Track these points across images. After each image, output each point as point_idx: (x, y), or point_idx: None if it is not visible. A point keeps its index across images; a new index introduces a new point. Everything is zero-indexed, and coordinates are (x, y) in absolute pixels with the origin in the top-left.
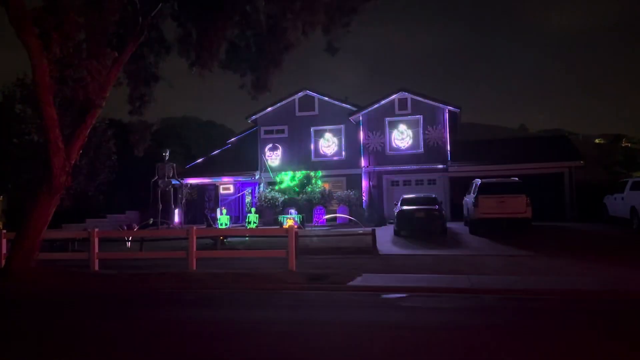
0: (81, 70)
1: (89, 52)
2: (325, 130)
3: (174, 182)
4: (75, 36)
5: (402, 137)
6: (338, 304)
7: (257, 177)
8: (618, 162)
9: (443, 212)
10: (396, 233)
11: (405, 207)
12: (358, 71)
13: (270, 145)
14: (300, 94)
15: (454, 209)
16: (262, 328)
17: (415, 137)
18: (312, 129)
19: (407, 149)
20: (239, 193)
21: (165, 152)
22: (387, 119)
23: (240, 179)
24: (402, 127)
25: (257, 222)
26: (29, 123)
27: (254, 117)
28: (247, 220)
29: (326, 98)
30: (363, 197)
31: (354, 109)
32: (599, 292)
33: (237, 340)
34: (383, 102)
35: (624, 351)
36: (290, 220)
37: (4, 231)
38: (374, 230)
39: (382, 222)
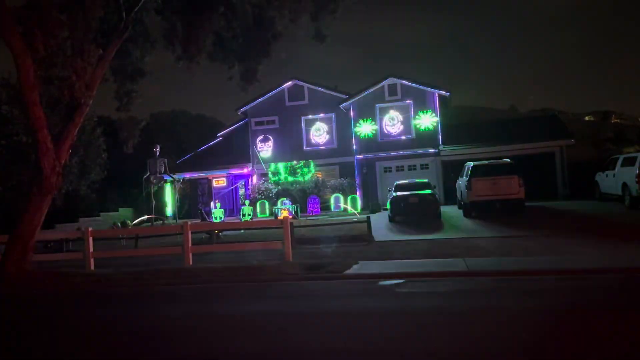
0: (67, 68)
1: (74, 50)
2: (316, 119)
3: (166, 177)
4: (59, 34)
5: (393, 123)
6: (336, 293)
7: (249, 169)
8: (608, 139)
9: (437, 196)
10: (391, 219)
11: (399, 193)
12: (347, 59)
13: (261, 137)
14: (290, 84)
15: (448, 192)
16: (262, 321)
17: (407, 123)
18: (302, 119)
19: (399, 134)
20: (232, 186)
21: (156, 148)
22: (378, 106)
23: (233, 171)
24: (393, 113)
25: (251, 214)
26: (16, 124)
27: (243, 108)
28: (241, 212)
29: (316, 87)
30: (357, 185)
31: (344, 96)
32: (596, 270)
33: (237, 334)
34: (373, 88)
35: (625, 328)
36: (284, 211)
37: None
38: (368, 218)
39: (376, 209)
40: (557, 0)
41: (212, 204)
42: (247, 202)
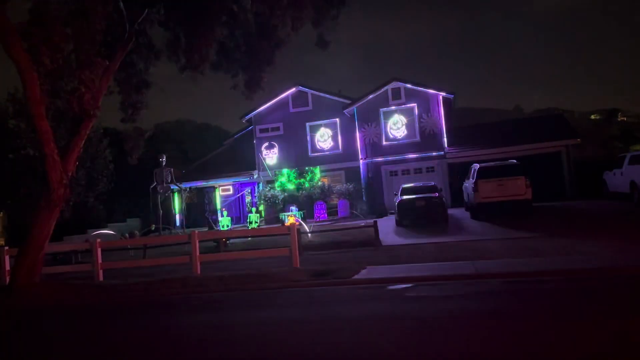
0: (73, 81)
1: (79, 63)
2: (320, 125)
3: (172, 186)
4: (64, 47)
5: (397, 126)
6: (345, 299)
7: (255, 176)
8: (615, 137)
9: (443, 199)
10: (398, 223)
11: (405, 197)
12: (351, 64)
13: (266, 144)
14: (293, 90)
15: (454, 194)
16: (270, 329)
17: (411, 126)
18: (307, 125)
19: (404, 138)
20: (238, 193)
21: (162, 158)
22: (382, 110)
23: (239, 179)
24: (397, 116)
25: (258, 221)
26: (23, 138)
27: (248, 116)
28: (248, 220)
29: (319, 93)
30: (363, 190)
31: (348, 101)
32: (607, 270)
33: (247, 342)
34: (376, 93)
35: (632, 329)
36: (291, 217)
37: (6, 248)
38: (375, 222)
39: (383, 213)
40: None
41: (219, 212)
42: (253, 209)
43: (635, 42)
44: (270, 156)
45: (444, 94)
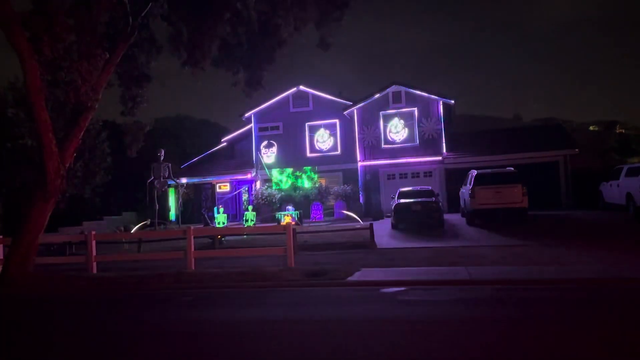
0: (73, 72)
1: (80, 54)
2: (320, 126)
3: (170, 182)
4: (66, 38)
5: (397, 130)
6: (338, 300)
7: (253, 174)
8: (613, 149)
9: (440, 204)
10: (394, 226)
11: (402, 200)
12: (352, 66)
13: (265, 142)
14: (294, 90)
15: (451, 200)
16: (262, 328)
17: (410, 130)
18: (306, 125)
19: (403, 141)
20: (235, 191)
21: (160, 152)
22: (382, 113)
23: (237, 177)
24: (397, 120)
25: (254, 219)
26: (22, 127)
27: (248, 114)
28: (244, 218)
29: (320, 93)
30: (360, 192)
31: (349, 103)
32: (599, 280)
33: (236, 341)
34: (377, 96)
35: (627, 339)
36: (287, 217)
37: (0, 237)
38: (371, 225)
39: (379, 216)
40: (563, 9)
41: (215, 209)
42: (250, 207)
43: (636, 54)
44: (269, 155)
45: (444, 99)
